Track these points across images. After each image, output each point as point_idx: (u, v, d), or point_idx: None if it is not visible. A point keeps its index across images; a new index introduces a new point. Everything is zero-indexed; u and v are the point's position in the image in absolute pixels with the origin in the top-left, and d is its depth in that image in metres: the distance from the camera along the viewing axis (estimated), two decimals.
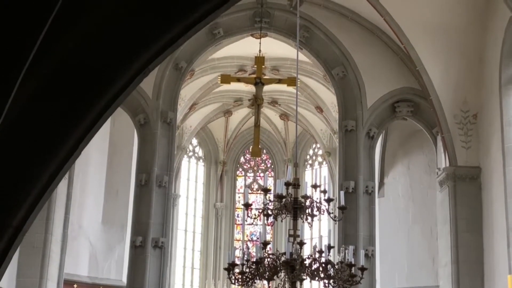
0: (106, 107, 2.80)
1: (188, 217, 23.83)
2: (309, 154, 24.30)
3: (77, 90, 2.76)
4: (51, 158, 2.79)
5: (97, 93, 2.76)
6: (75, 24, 2.67)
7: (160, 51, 2.77)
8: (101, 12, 2.70)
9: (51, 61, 2.68)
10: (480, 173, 13.94)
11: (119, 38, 2.78)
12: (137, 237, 15.15)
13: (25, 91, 2.58)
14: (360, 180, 14.90)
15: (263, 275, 8.45)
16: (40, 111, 2.73)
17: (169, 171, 15.99)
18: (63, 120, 2.79)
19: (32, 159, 2.75)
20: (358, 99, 15.44)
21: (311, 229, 21.21)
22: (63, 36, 2.65)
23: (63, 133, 2.81)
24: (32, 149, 2.74)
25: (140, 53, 2.81)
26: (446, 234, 14.13)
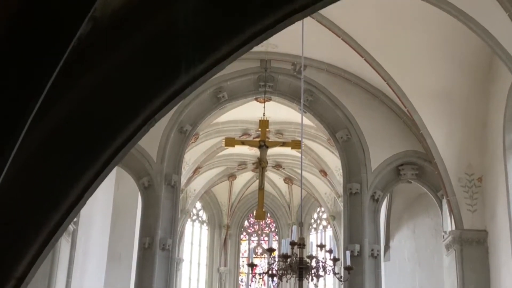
0: (112, 157, 2.81)
1: (192, 282, 23.52)
2: (313, 218, 24.17)
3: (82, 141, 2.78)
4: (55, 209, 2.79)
5: (103, 143, 2.78)
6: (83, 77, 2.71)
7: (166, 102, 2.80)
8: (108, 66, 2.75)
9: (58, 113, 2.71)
10: (487, 236, 13.80)
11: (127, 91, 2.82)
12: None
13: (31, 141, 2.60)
14: (365, 243, 14.75)
15: None
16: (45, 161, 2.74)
17: (173, 234, 15.87)
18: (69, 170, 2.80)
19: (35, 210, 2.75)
20: (362, 162, 15.45)
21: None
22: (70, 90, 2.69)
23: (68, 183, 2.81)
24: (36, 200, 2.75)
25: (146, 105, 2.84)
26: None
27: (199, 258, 23.98)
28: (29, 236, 2.72)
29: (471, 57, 13.25)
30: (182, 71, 2.82)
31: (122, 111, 2.79)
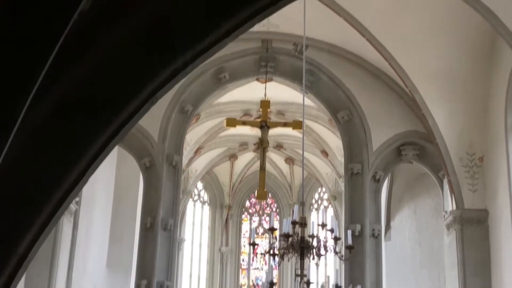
0: (113, 135, 2.80)
1: (193, 262, 23.64)
2: (314, 198, 24.22)
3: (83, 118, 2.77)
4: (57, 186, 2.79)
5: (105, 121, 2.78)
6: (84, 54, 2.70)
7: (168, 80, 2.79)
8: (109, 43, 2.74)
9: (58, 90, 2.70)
10: (488, 216, 13.84)
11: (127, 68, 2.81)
12: (141, 281, 15.01)
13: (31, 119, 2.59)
14: (366, 223, 14.80)
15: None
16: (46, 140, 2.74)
17: (174, 214, 15.93)
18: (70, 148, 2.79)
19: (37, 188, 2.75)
20: (363, 143, 15.45)
21: (318, 270, 21.02)
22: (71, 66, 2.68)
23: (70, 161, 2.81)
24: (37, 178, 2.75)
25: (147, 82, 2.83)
26: (454, 278, 13.95)
27: (200, 238, 24.09)
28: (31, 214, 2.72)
29: (474, 37, 13.20)
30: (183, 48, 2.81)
31: (124, 88, 2.78)
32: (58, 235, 14.00)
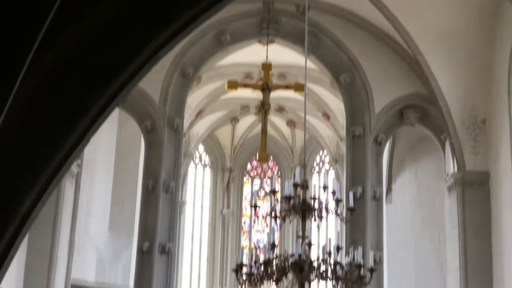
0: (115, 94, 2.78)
1: (195, 224, 23.80)
2: (316, 161, 24.26)
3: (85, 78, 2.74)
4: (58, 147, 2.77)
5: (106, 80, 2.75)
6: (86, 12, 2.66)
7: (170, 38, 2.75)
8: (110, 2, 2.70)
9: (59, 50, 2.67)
10: (489, 178, 13.87)
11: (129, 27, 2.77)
12: (144, 243, 15.13)
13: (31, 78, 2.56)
14: (367, 186, 14.85)
15: (271, 276, 8.41)
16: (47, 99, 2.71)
17: (176, 177, 15.98)
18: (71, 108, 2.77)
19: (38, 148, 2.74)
20: (365, 105, 15.41)
21: (319, 232, 21.17)
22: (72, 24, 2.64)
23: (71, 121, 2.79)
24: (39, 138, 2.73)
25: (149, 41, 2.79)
26: (455, 240, 14.05)
27: (202, 200, 24.21)
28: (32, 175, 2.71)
29: None
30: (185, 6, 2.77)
31: (125, 48, 2.75)
32: (60, 197, 14.06)
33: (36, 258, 13.45)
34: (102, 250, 17.45)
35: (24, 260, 13.36)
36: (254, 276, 8.50)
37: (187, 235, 23.34)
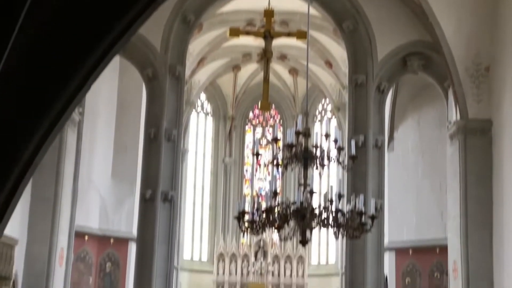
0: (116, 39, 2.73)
1: (197, 172, 23.94)
2: (318, 109, 24.22)
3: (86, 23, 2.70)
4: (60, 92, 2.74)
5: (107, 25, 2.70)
6: None
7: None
8: None
9: None
10: (491, 126, 13.84)
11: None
12: (146, 190, 15.24)
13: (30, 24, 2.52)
14: (369, 134, 14.84)
15: (273, 223, 8.47)
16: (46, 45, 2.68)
17: (178, 125, 15.98)
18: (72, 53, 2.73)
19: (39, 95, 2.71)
20: (368, 53, 15.26)
21: (320, 180, 21.30)
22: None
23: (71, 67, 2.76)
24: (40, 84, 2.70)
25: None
26: (456, 188, 14.12)
27: (204, 149, 24.29)
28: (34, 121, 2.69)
29: None
30: None
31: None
32: (63, 145, 14.11)
33: (40, 205, 13.58)
34: (105, 198, 17.60)
35: (28, 208, 13.49)
36: (256, 224, 8.57)
37: (190, 183, 23.50)
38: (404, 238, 17.19)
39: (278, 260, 21.81)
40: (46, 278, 13.47)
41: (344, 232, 8.43)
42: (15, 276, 12.74)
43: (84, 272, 16.98)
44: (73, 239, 14.83)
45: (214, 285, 21.43)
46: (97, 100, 16.52)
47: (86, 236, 16.79)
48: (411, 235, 17.09)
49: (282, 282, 21.53)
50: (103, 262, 17.45)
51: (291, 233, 8.49)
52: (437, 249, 16.36)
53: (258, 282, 20.82)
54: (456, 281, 13.91)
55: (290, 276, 21.62)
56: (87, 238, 16.89)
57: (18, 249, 12.35)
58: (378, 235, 14.34)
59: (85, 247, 16.92)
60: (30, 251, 13.39)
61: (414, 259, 17.16)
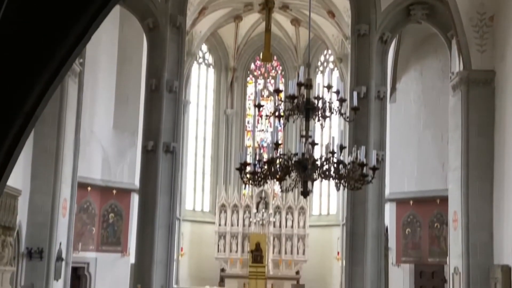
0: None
1: (199, 124, 23.94)
2: (320, 60, 24.05)
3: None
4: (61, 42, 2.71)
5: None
6: None
7: None
8: None
9: None
10: (494, 77, 13.76)
11: None
12: (148, 142, 15.27)
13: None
14: (371, 85, 14.77)
15: (274, 175, 8.48)
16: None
17: (179, 76, 15.90)
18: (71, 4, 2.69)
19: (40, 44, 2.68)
20: (371, 2, 15.05)
21: (322, 132, 21.30)
22: None
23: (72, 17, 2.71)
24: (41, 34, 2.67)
25: None
26: (457, 139, 14.12)
27: (205, 100, 24.22)
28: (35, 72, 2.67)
29: None
30: None
31: None
32: (64, 96, 14.06)
33: (42, 156, 13.61)
34: (107, 149, 17.64)
35: (31, 159, 13.53)
36: (257, 175, 8.58)
37: (191, 134, 23.53)
38: (405, 189, 17.30)
39: (279, 211, 21.99)
40: (50, 229, 13.61)
41: (346, 183, 8.45)
42: (19, 226, 12.87)
43: (87, 222, 17.16)
44: (76, 190, 14.94)
45: (216, 235, 21.67)
46: (97, 51, 16.39)
47: (88, 187, 16.90)
48: (412, 186, 17.19)
49: (283, 233, 21.76)
50: (106, 213, 17.61)
51: (292, 184, 8.50)
52: (438, 200, 16.48)
53: (260, 232, 21.03)
54: (456, 231, 14.04)
55: (291, 227, 21.84)
56: (89, 189, 17.01)
57: (21, 200, 12.44)
58: (379, 186, 14.42)
59: (88, 198, 17.05)
60: (33, 202, 13.49)
61: (414, 210, 17.31)
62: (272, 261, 21.44)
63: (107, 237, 17.58)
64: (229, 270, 21.45)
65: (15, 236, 12.42)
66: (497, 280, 12.73)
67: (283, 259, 21.56)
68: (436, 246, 16.85)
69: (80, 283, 16.80)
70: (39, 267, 13.35)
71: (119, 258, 17.49)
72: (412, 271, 17.12)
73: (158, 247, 14.99)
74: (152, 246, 14.91)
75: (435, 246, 16.87)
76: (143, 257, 14.99)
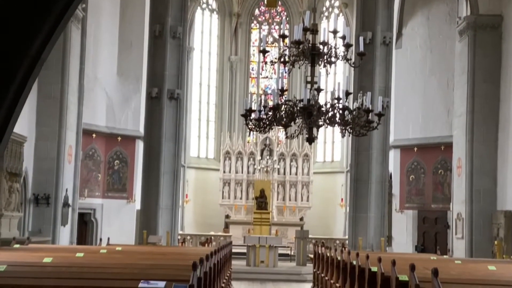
0: None
1: (203, 71, 23.81)
2: (325, 5, 23.73)
3: None
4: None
5: None
6: None
7: None
8: None
9: None
10: (502, 22, 13.59)
11: None
12: (152, 89, 15.24)
13: None
14: (377, 31, 14.59)
15: (280, 121, 8.45)
16: None
17: (183, 22, 15.74)
18: None
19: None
20: None
21: (327, 78, 21.18)
22: None
23: None
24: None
25: None
26: (463, 84, 14.05)
27: (209, 47, 24.02)
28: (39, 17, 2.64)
29: None
30: None
31: None
32: (67, 42, 13.96)
33: (47, 103, 13.60)
34: (112, 95, 17.60)
35: (35, 106, 13.53)
36: (262, 121, 8.54)
37: (195, 81, 23.43)
38: (409, 136, 17.30)
39: (283, 158, 22.07)
40: (56, 175, 13.70)
41: (351, 129, 8.41)
42: (25, 173, 12.95)
43: (93, 169, 17.27)
44: (81, 137, 14.98)
45: (221, 182, 21.81)
46: None
47: (93, 134, 16.94)
48: (416, 133, 17.18)
49: (287, 180, 21.89)
50: (111, 159, 17.70)
51: (297, 131, 8.47)
52: (442, 146, 16.50)
53: (264, 179, 21.16)
54: (460, 177, 14.11)
55: (296, 174, 21.95)
56: (94, 136, 17.06)
57: (27, 147, 12.49)
58: (384, 133, 14.40)
59: (93, 144, 17.11)
60: (39, 148, 13.55)
61: (418, 156, 17.34)
62: (276, 208, 21.64)
63: (112, 183, 17.71)
64: (234, 217, 21.67)
65: (22, 182, 12.52)
66: (500, 225, 12.85)
67: (287, 205, 21.76)
68: (439, 192, 16.95)
69: (87, 228, 17.03)
70: (46, 213, 13.50)
71: (125, 204, 17.66)
72: (416, 217, 17.27)
73: (163, 193, 15.12)
74: (157, 192, 15.04)
75: (438, 192, 16.97)
76: (148, 204, 15.14)
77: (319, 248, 12.29)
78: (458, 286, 5.07)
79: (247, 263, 15.59)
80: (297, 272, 15.21)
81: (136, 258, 7.14)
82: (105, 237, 12.08)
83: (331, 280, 10.27)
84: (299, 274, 15.03)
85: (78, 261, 6.40)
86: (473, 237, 13.51)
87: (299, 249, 16.21)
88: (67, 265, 5.73)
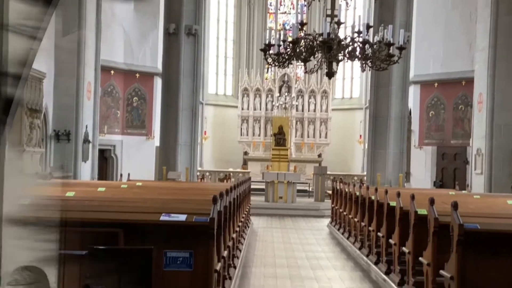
0: None
1: (220, 6, 23.50)
2: None
3: None
4: None
5: None
6: None
7: None
8: None
9: None
10: None
11: None
12: (170, 25, 15.09)
13: None
14: None
15: (299, 56, 8.36)
16: None
17: None
18: None
19: None
20: None
21: (347, 13, 20.82)
22: None
23: None
24: None
25: None
26: (486, 18, 13.71)
27: None
28: None
29: None
30: None
31: None
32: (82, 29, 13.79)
33: (64, 39, 13.52)
34: (129, 32, 17.47)
35: (53, 42, 13.47)
36: (281, 56, 8.45)
37: (213, 17, 23.16)
38: (430, 71, 17.08)
39: (302, 94, 21.97)
40: (76, 111, 13.76)
41: (371, 64, 8.30)
42: (45, 109, 13.02)
43: (112, 106, 17.32)
44: (99, 73, 14.95)
45: (239, 119, 21.83)
46: None
47: (112, 70, 16.92)
48: (437, 68, 16.95)
49: (305, 116, 21.84)
50: (129, 96, 17.72)
51: (317, 65, 8.38)
52: (463, 82, 16.29)
53: (282, 116, 21.13)
54: (481, 113, 13.95)
55: (314, 111, 21.89)
56: (113, 73, 17.03)
57: (46, 83, 12.49)
58: (404, 68, 14.24)
59: (111, 81, 17.11)
60: (58, 84, 13.56)
61: (439, 92, 17.16)
62: (294, 144, 21.68)
63: (131, 120, 17.79)
64: (252, 153, 21.77)
65: (42, 119, 12.59)
66: None
67: (306, 142, 21.78)
68: (459, 128, 16.84)
69: (107, 164, 17.22)
70: (67, 149, 13.62)
71: (144, 140, 17.78)
72: (435, 153, 17.22)
73: (182, 130, 15.17)
74: (176, 129, 15.09)
75: (458, 128, 16.86)
76: (167, 140, 15.21)
77: (338, 184, 12.35)
78: (477, 219, 5.08)
79: (265, 199, 15.75)
80: (315, 207, 15.35)
81: (156, 193, 7.23)
82: (125, 173, 12.21)
83: (350, 215, 10.35)
84: (317, 210, 15.17)
85: (100, 195, 6.49)
86: (492, 173, 13.46)
87: (317, 185, 16.32)
88: (89, 199, 5.81)
